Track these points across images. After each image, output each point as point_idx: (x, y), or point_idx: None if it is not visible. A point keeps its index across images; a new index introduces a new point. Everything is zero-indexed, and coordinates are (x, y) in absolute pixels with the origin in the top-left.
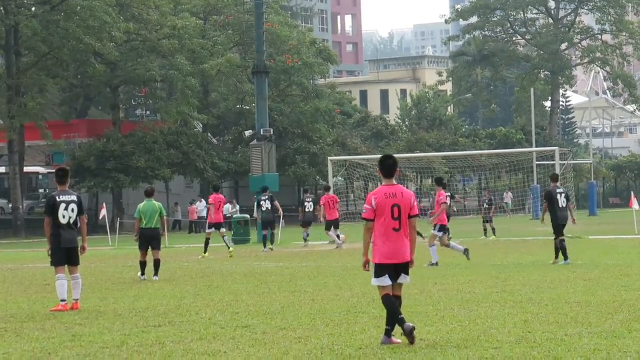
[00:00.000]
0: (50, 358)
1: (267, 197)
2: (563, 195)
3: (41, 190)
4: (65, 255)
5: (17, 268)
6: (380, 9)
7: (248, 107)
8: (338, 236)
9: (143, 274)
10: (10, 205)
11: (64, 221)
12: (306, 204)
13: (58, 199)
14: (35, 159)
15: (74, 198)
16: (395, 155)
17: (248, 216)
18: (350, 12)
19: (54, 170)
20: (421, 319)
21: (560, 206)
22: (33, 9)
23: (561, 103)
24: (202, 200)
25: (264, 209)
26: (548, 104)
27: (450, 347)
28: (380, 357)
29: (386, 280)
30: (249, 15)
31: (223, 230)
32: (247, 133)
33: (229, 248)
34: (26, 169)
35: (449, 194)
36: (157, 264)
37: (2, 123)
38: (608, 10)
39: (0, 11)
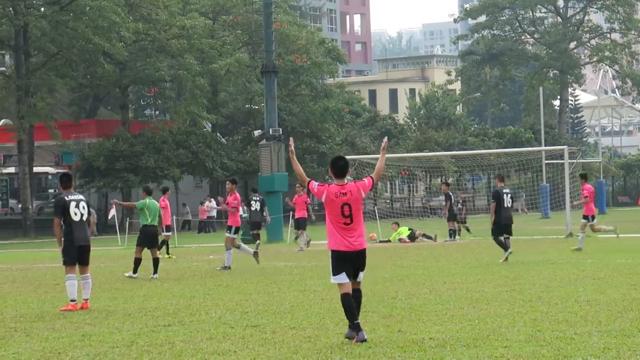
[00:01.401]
0: (60, 357)
1: (257, 197)
2: (508, 195)
3: (50, 190)
4: (77, 253)
5: (27, 268)
6: (388, 8)
7: (257, 107)
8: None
9: (136, 271)
10: (20, 205)
11: (76, 218)
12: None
13: (67, 198)
14: (44, 159)
15: (82, 197)
16: (405, 155)
17: None
18: (359, 12)
19: (63, 170)
20: (430, 317)
21: (505, 206)
22: (42, 9)
23: (570, 102)
24: (212, 199)
25: (252, 209)
26: (557, 102)
27: (460, 346)
28: (390, 355)
29: (343, 278)
30: (258, 14)
31: (168, 234)
32: (256, 132)
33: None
34: (35, 169)
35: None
36: (156, 262)
37: (12, 123)
38: (617, 9)
39: (10, 11)
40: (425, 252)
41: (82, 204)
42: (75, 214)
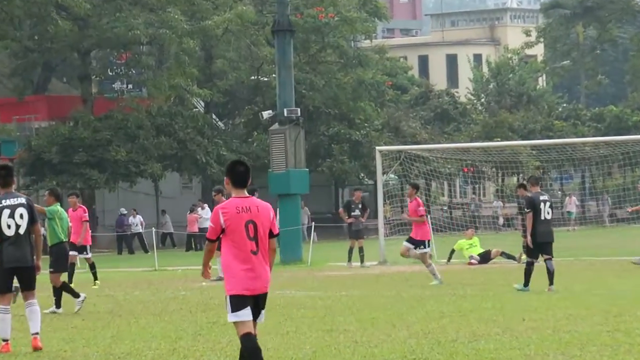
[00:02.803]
0: None
1: None
2: (547, 204)
3: None
4: (11, 277)
5: None
6: None
7: (266, 79)
8: None
9: (59, 305)
10: None
11: (9, 232)
12: None
13: (0, 204)
14: None
15: (22, 201)
16: (469, 144)
17: None
18: None
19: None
20: None
21: (543, 218)
22: None
23: None
24: (205, 206)
25: None
26: None
27: None
28: None
29: (246, 314)
30: None
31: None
32: (266, 114)
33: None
34: None
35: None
36: (63, 290)
37: None
38: None
39: None
40: (496, 277)
41: (21, 211)
42: (9, 226)
